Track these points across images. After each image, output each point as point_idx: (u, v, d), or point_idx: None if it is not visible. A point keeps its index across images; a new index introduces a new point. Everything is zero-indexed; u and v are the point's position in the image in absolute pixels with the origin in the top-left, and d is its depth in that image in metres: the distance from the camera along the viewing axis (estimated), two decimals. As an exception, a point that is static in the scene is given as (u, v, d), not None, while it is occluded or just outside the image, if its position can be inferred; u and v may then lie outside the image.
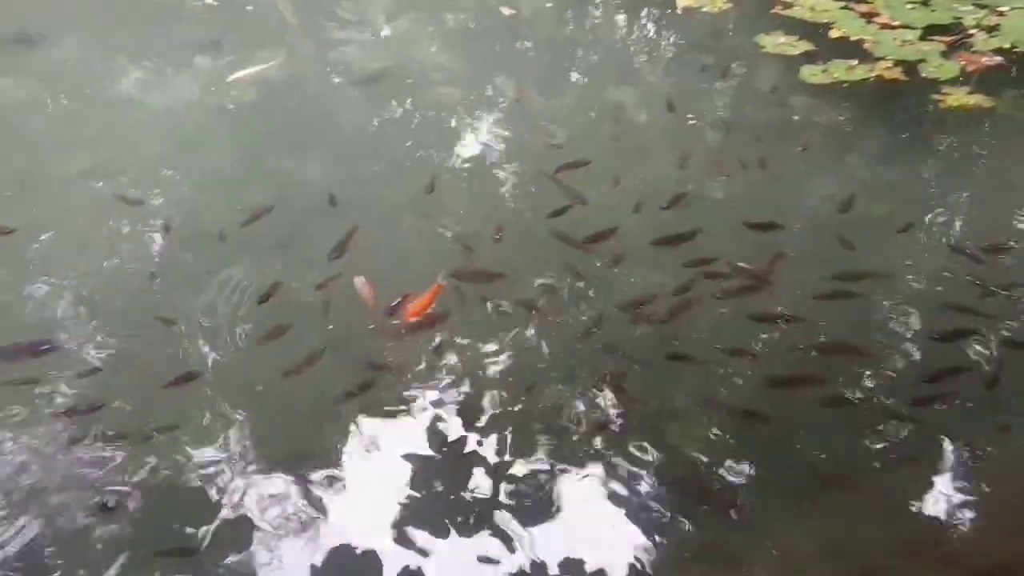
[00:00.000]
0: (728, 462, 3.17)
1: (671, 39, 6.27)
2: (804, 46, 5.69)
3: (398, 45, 5.98)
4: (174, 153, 4.73)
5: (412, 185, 4.42)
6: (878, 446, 3.26)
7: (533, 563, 2.86)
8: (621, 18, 6.60)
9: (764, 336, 3.67)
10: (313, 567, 2.84)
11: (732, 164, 4.61)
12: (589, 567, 2.86)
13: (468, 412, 3.34)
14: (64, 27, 5.84)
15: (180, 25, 6.12)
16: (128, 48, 5.68)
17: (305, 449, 3.21)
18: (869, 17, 5.93)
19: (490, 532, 2.95)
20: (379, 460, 3.21)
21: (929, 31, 5.78)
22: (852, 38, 5.75)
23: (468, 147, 4.96)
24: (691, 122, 5.10)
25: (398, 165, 4.71)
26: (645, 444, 3.23)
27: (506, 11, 6.34)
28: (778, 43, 5.75)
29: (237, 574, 2.81)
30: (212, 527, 2.92)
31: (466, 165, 4.79)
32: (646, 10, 6.48)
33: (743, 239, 4.07)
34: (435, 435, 3.26)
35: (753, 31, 5.88)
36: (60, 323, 3.64)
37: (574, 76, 5.86)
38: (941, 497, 3.12)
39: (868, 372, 3.52)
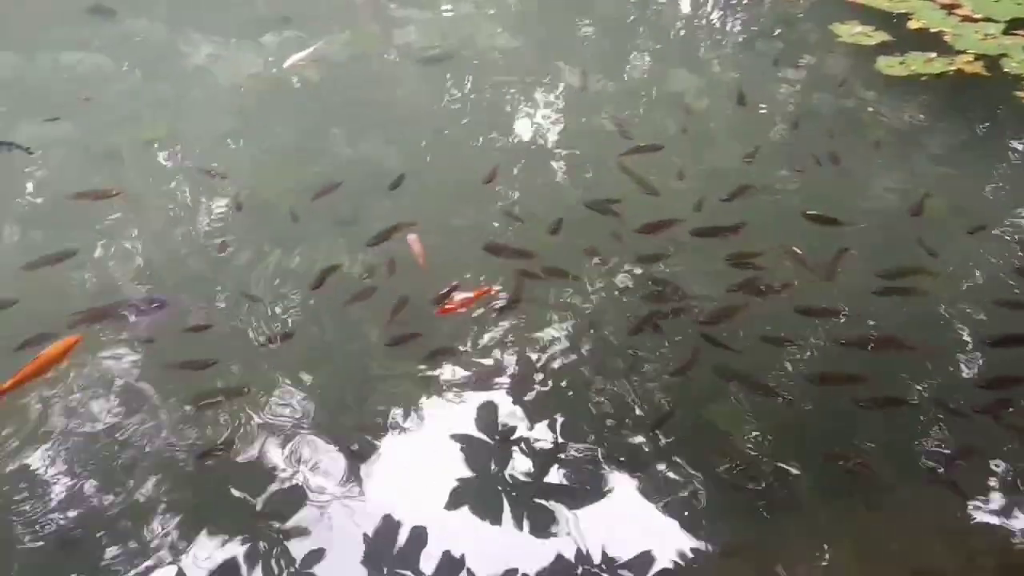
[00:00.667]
0: (775, 456, 3.11)
1: (740, 26, 6.13)
2: (880, 36, 5.51)
3: (460, 26, 5.96)
4: (239, 127, 4.80)
5: (470, 167, 4.40)
6: (933, 447, 3.16)
7: (576, 548, 2.85)
8: (688, 2, 6.47)
9: (817, 331, 3.58)
10: (364, 535, 2.86)
11: (803, 158, 4.49)
12: (630, 554, 2.84)
13: (520, 394, 3.34)
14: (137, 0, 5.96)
15: (250, 1, 6.20)
16: (199, 22, 5.77)
17: (363, 420, 3.24)
18: (950, 9, 5.72)
19: (534, 513, 2.95)
20: (432, 436, 3.22)
21: (1013, 25, 5.54)
22: (931, 30, 5.56)
23: (528, 131, 4.93)
24: (760, 112, 4.98)
25: (457, 147, 4.71)
26: (691, 434, 3.20)
27: None
28: (853, 32, 5.58)
29: (289, 535, 2.86)
30: (268, 489, 2.98)
31: (526, 149, 4.75)
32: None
33: (805, 233, 3.96)
34: (485, 414, 3.27)
35: (827, 19, 5.71)
36: (135, 286, 3.72)
37: (639, 62, 5.75)
38: (998, 501, 3.01)
39: (923, 371, 3.42)
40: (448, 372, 3.40)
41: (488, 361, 3.47)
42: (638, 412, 3.27)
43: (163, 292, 3.65)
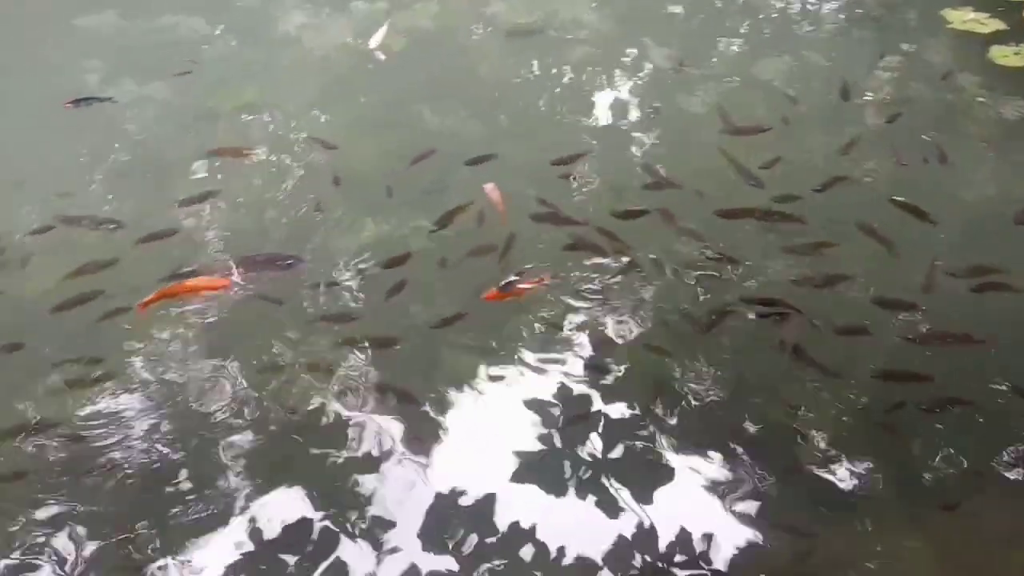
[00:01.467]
0: (845, 458, 3.01)
1: (840, 9, 5.86)
2: (996, 24, 5.18)
3: (547, 0, 5.87)
4: (327, 95, 4.85)
5: (554, 145, 4.34)
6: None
7: (640, 530, 2.82)
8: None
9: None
10: (430, 503, 2.90)
11: (905, 151, 4.26)
12: (695, 541, 2.81)
13: (588, 373, 3.33)
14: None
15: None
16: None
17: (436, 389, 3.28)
18: (1075, -3, 5.35)
19: (596, 495, 2.94)
20: (502, 407, 3.24)
21: None
22: (1053, 19, 5.21)
23: (613, 110, 4.82)
24: (860, 102, 4.76)
25: (540, 123, 4.66)
26: (756, 428, 3.11)
27: None
28: (966, 19, 5.26)
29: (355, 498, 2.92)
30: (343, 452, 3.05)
31: (610, 129, 4.65)
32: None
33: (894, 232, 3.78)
34: (553, 392, 3.26)
35: (936, 4, 5.41)
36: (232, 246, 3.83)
37: (730, 45, 5.57)
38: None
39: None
40: (523, 345, 3.41)
41: (563, 335, 3.45)
42: (711, 396, 3.21)
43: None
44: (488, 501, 2.90)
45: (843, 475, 2.96)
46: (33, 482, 2.93)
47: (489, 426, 3.17)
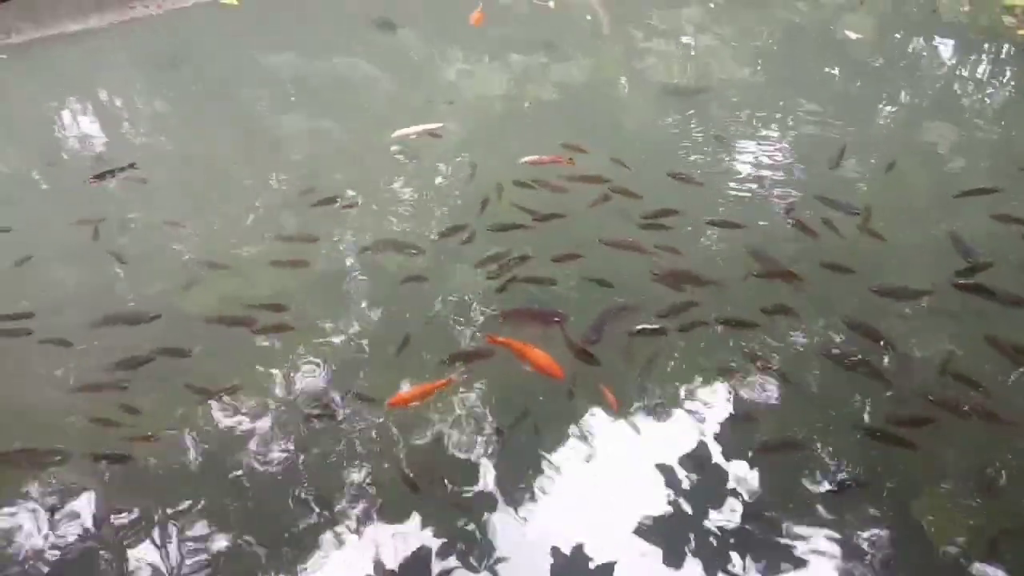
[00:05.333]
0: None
1: (1009, 77, 5.56)
2: None
3: (700, 57, 5.92)
4: (475, 138, 5.06)
5: (691, 197, 4.33)
6: None
7: None
8: (952, 49, 5.98)
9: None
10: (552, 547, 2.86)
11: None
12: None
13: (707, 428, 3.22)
14: (418, 17, 6.50)
15: (509, 25, 6.58)
16: (462, 40, 6.21)
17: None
18: None
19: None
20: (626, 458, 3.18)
21: None
22: None
23: (759, 172, 4.71)
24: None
25: (681, 177, 4.63)
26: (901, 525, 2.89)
27: (852, 35, 5.99)
28: None
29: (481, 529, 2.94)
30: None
31: (756, 193, 4.52)
32: (984, 44, 5.81)
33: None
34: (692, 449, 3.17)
35: None
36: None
37: (889, 109, 5.39)
38: None
39: None
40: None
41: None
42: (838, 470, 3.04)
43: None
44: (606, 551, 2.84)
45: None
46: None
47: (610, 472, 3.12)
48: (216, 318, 3.61)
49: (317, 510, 2.95)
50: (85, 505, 2.97)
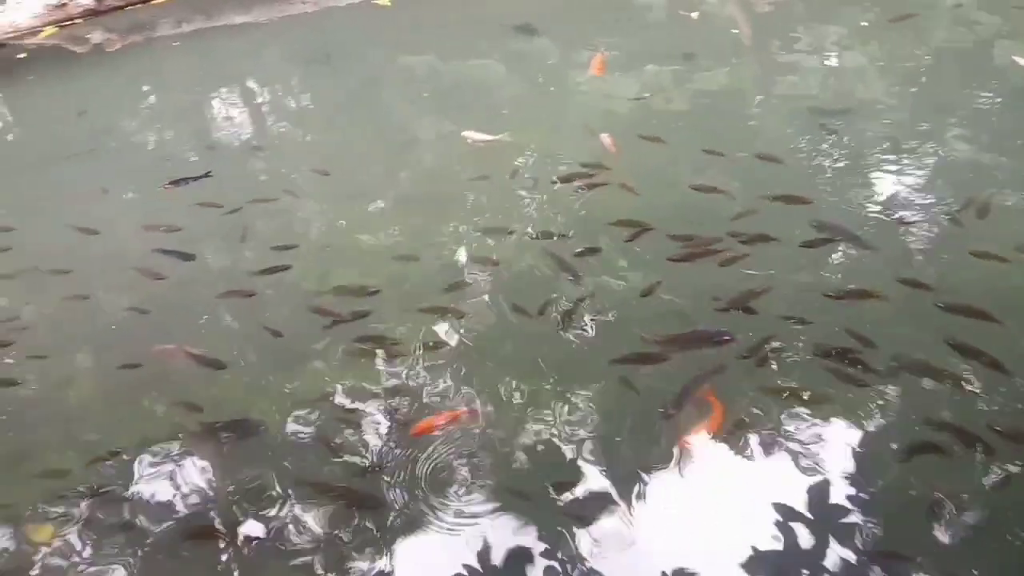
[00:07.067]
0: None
1: None
2: None
3: (844, 77, 5.64)
4: (601, 145, 4.97)
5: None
6: None
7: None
8: None
9: None
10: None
11: None
12: None
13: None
14: (558, 23, 6.56)
15: (648, 33, 6.52)
16: (592, 46, 6.16)
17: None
18: None
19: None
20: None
21: None
22: None
23: (893, 198, 4.44)
24: None
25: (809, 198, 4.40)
26: None
27: (1022, 61, 5.54)
28: None
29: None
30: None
31: (885, 215, 4.27)
32: None
33: None
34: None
35: None
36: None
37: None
38: None
39: None
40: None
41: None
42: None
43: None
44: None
45: None
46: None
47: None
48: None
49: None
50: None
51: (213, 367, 3.63)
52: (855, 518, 2.87)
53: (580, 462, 3.14)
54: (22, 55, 6.66)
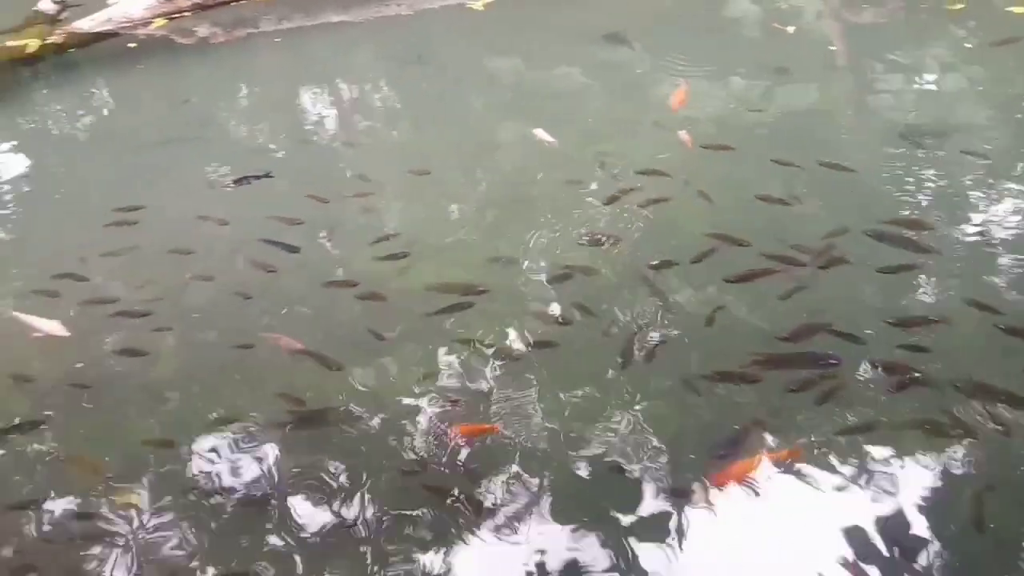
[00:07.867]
0: None
1: None
2: None
3: (943, 99, 5.46)
4: (680, 158, 4.95)
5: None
6: None
7: None
8: None
9: None
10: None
11: None
12: None
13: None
14: (646, 31, 6.51)
15: (739, 45, 6.44)
16: (687, 58, 6.10)
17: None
18: None
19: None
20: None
21: None
22: None
23: (987, 227, 4.31)
24: None
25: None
26: None
27: None
28: None
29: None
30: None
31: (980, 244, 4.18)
32: None
33: None
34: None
35: None
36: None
37: None
38: None
39: None
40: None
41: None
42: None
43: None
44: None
45: None
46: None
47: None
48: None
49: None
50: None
51: (321, 363, 3.75)
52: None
53: (644, 484, 3.19)
54: (133, 44, 7.01)
